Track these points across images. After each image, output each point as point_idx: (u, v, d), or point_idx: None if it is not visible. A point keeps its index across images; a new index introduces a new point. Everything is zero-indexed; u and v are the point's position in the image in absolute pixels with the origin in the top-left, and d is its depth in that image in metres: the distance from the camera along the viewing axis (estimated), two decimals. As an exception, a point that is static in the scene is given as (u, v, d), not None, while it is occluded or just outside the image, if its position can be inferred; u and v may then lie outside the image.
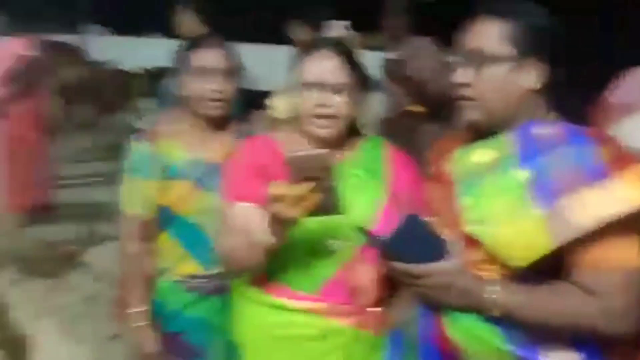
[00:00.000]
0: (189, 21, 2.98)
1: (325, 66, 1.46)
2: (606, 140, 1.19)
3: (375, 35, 5.09)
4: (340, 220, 1.36)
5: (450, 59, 3.13)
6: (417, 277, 1.22)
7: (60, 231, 4.65)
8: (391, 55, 3.33)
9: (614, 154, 1.15)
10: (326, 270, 1.46)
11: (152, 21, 8.14)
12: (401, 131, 3.13)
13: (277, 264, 1.44)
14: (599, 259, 1.13)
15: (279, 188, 1.21)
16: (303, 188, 1.19)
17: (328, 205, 1.23)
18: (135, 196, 1.78)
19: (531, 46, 1.21)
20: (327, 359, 1.48)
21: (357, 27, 2.94)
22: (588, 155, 1.14)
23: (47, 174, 4.91)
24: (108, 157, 6.77)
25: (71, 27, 8.85)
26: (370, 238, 1.31)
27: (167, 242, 1.81)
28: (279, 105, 2.57)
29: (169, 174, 1.76)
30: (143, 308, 1.79)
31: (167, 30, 7.70)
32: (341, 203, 1.24)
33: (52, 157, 5.06)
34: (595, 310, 1.13)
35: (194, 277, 1.80)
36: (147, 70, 6.77)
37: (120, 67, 7.27)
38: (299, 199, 1.20)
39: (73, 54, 6.99)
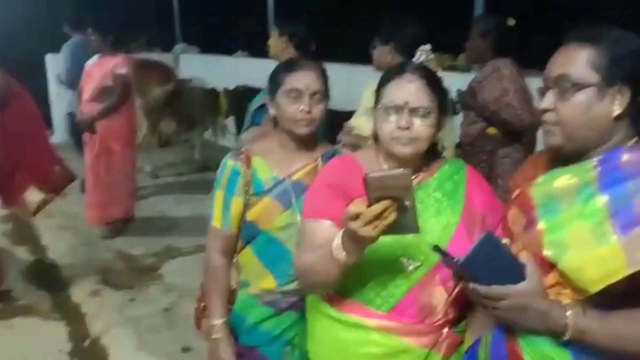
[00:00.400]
0: (280, 43, 3.08)
1: (409, 89, 1.49)
2: None
3: (457, 56, 5.05)
4: (415, 240, 1.39)
5: (530, 81, 3.09)
6: (494, 298, 1.24)
7: (139, 244, 4.85)
8: (470, 76, 3.32)
9: None
10: (399, 289, 1.49)
11: (239, 40, 8.42)
12: (478, 154, 3.10)
13: (351, 282, 1.48)
14: None
15: (357, 206, 1.25)
16: (381, 207, 1.22)
17: (406, 225, 1.26)
18: (224, 211, 1.87)
19: (617, 73, 1.23)
20: None
21: (439, 47, 2.92)
22: None
23: (131, 188, 5.13)
24: (188, 172, 7.06)
25: (164, 45, 9.33)
26: (446, 257, 1.31)
27: (248, 257, 1.89)
28: (364, 125, 2.57)
29: (257, 190, 1.85)
30: (223, 320, 1.86)
31: (253, 49, 7.98)
32: (419, 223, 1.26)
33: (136, 171, 5.31)
34: None
35: (270, 292, 1.87)
36: (228, 89, 6.99)
37: (206, 84, 7.54)
38: (377, 218, 1.23)
39: (163, 71, 7.31)
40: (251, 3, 7.98)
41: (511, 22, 3.22)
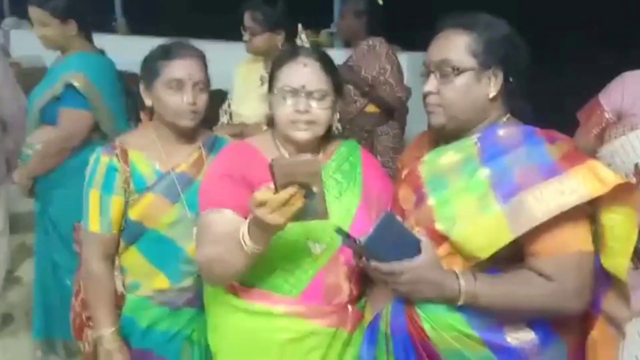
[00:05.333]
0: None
1: (304, 73, 1.55)
2: (556, 139, 1.41)
3: (318, 32, 5.20)
4: (320, 223, 1.44)
5: (402, 59, 3.30)
6: (394, 274, 1.37)
7: None
8: (343, 53, 3.45)
9: (563, 151, 1.37)
10: (307, 274, 1.57)
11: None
12: (358, 132, 3.25)
13: (257, 270, 1.53)
14: (553, 246, 1.34)
15: (263, 194, 1.30)
16: (288, 194, 1.27)
17: (314, 211, 1.32)
18: (101, 213, 1.80)
19: (491, 57, 1.42)
20: (305, 359, 1.58)
21: (309, 25, 3.00)
22: (541, 153, 1.36)
23: None
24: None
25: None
26: (348, 239, 1.40)
27: (134, 258, 1.85)
28: (245, 112, 2.56)
29: (138, 187, 1.80)
30: (112, 329, 1.82)
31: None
32: (327, 207, 1.33)
33: None
34: (552, 293, 1.34)
35: (163, 292, 1.84)
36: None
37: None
38: (284, 205, 1.28)
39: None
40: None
41: (380, 2, 3.46)
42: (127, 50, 3.19)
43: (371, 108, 3.36)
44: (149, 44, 1.87)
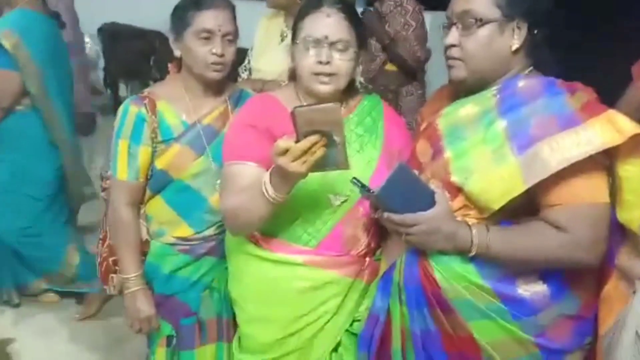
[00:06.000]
0: None
1: (327, 23, 1.55)
2: (576, 90, 1.39)
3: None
4: (341, 175, 1.48)
5: (427, 16, 3.24)
6: (407, 225, 1.39)
7: None
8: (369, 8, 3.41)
9: (583, 102, 1.35)
10: (326, 225, 1.60)
11: None
12: (382, 92, 3.23)
13: (278, 220, 1.57)
14: (567, 196, 1.33)
15: (285, 142, 1.32)
16: (309, 142, 1.29)
17: (335, 160, 1.34)
18: (129, 162, 1.84)
19: (515, 9, 1.39)
20: (322, 308, 1.64)
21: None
22: (560, 104, 1.35)
23: None
24: None
25: None
26: (363, 189, 1.43)
27: (159, 206, 1.90)
28: (263, 66, 2.56)
29: (165, 137, 1.84)
30: (137, 273, 1.88)
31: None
32: (348, 157, 1.35)
33: None
34: (564, 243, 1.33)
35: (186, 239, 1.90)
36: None
37: None
38: (305, 153, 1.30)
39: None
40: None
41: None
42: (145, 7, 3.17)
43: (390, 66, 3.34)
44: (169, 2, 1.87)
